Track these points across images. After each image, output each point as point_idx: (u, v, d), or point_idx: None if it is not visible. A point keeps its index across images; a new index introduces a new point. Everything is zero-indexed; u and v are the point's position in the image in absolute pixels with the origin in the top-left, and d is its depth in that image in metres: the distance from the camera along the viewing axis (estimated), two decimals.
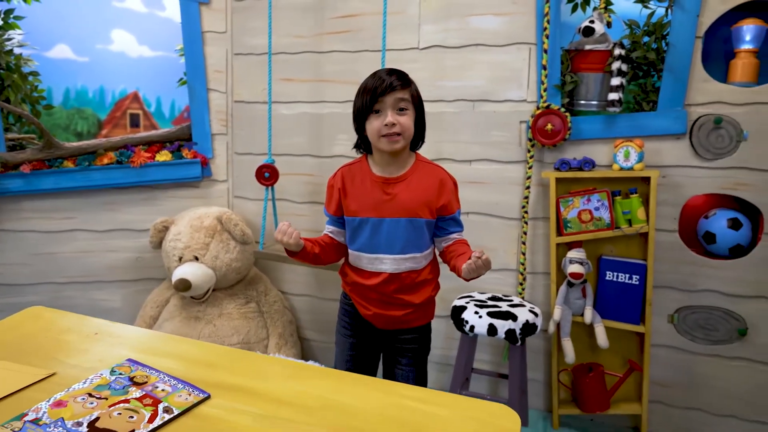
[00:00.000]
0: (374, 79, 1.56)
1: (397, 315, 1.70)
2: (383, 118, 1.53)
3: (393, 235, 1.61)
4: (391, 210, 1.60)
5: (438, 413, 1.03)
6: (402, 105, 1.55)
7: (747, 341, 2.21)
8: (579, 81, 2.30)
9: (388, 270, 1.63)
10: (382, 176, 1.62)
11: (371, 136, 1.58)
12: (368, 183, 1.62)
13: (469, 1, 2.42)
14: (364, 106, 1.56)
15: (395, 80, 1.54)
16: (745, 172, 2.15)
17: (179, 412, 0.97)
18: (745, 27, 2.12)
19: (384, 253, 1.62)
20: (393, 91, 1.53)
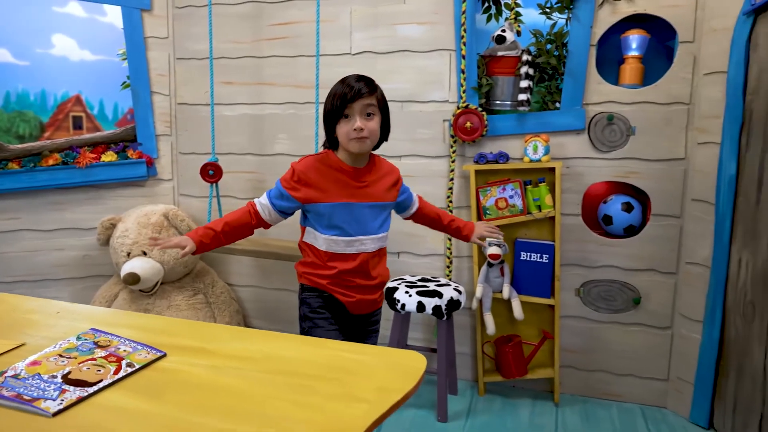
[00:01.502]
0: (343, 86, 1.67)
1: (374, 297, 1.86)
2: (352, 123, 1.65)
3: (373, 217, 1.77)
4: (366, 195, 1.75)
5: (363, 360, 1.25)
6: (369, 110, 1.68)
7: (641, 309, 2.55)
8: (493, 83, 2.58)
9: (369, 249, 1.77)
10: (354, 167, 1.74)
11: (341, 138, 1.70)
12: (340, 172, 1.73)
13: (395, 11, 2.66)
14: (334, 110, 1.67)
15: (363, 87, 1.66)
16: (635, 162, 2.48)
17: (140, 366, 1.15)
18: (632, 36, 2.45)
19: (366, 235, 1.76)
20: (361, 98, 1.65)
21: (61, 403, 0.99)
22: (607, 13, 2.43)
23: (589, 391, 2.66)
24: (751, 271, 2.20)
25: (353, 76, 1.70)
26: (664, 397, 2.57)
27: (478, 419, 2.46)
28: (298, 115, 2.85)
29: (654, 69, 2.47)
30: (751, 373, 2.21)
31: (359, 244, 1.76)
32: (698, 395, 2.41)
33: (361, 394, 1.08)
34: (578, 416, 2.50)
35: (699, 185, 2.38)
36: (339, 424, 0.97)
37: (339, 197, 1.72)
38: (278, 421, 0.98)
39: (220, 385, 1.11)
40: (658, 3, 2.37)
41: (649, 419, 2.48)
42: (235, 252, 2.77)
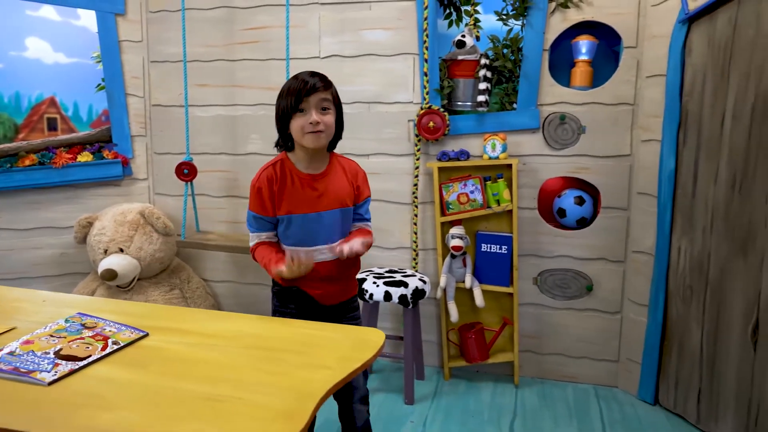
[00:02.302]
0: (298, 81, 1.63)
1: (342, 288, 1.81)
2: (308, 117, 1.60)
3: (331, 226, 1.70)
4: (325, 203, 1.69)
5: (327, 335, 1.40)
6: (324, 105, 1.64)
7: (593, 295, 2.73)
8: (455, 86, 2.74)
9: (327, 258, 1.71)
10: (308, 173, 1.69)
11: (296, 134, 1.64)
12: (297, 181, 1.68)
13: (362, 17, 2.80)
14: (289, 106, 1.62)
15: (318, 81, 1.63)
16: (586, 159, 2.67)
17: (125, 344, 1.28)
18: (581, 42, 2.63)
19: (323, 244, 1.70)
20: (316, 92, 1.61)
21: (55, 375, 1.11)
22: (558, 20, 2.61)
23: (547, 374, 2.84)
24: (688, 258, 2.40)
25: (306, 72, 1.67)
26: (615, 377, 2.76)
27: (443, 401, 2.61)
28: (270, 116, 2.93)
29: (602, 72, 2.66)
30: (690, 351, 2.41)
31: (318, 253, 1.71)
32: (645, 374, 2.61)
33: (324, 363, 1.22)
34: (536, 397, 2.67)
35: (643, 179, 2.57)
36: (305, 386, 1.12)
37: (297, 208, 1.68)
38: (251, 385, 1.12)
39: (198, 359, 1.24)
40: (604, 11, 2.56)
41: (601, 398, 2.67)
42: (209, 247, 2.88)
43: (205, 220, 3.10)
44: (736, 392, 2.20)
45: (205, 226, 3.12)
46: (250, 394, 1.08)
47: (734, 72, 2.15)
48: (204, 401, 1.04)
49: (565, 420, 2.47)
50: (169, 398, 1.06)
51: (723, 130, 2.21)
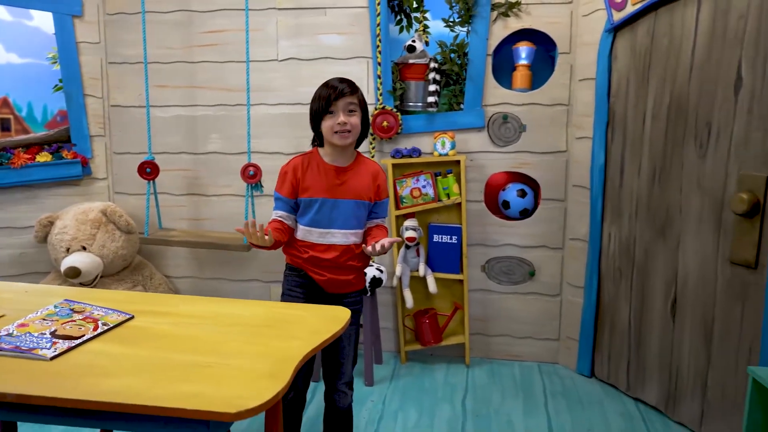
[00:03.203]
0: (328, 88, 1.84)
1: (347, 278, 1.94)
2: (336, 118, 1.81)
3: (346, 214, 1.88)
4: (343, 193, 1.88)
5: (299, 314, 1.56)
6: (351, 108, 1.83)
7: (535, 280, 2.98)
8: (406, 87, 2.94)
9: (338, 242, 1.89)
10: (334, 165, 1.89)
11: (326, 133, 1.84)
12: (322, 170, 1.88)
13: (317, 22, 2.96)
14: (320, 109, 1.83)
15: (346, 87, 1.83)
16: (527, 155, 2.91)
17: (113, 325, 1.40)
18: (521, 48, 2.87)
19: (337, 228, 1.88)
20: (344, 96, 1.81)
21: (55, 351, 1.23)
22: (500, 28, 2.84)
23: (495, 354, 3.07)
24: (617, 243, 2.67)
25: (336, 79, 1.88)
26: (556, 354, 3.02)
27: (400, 382, 2.80)
28: (230, 116, 3.09)
29: (541, 75, 2.90)
30: (620, 327, 2.68)
31: (330, 236, 1.88)
32: (582, 350, 2.88)
33: (296, 335, 1.39)
34: (486, 375, 2.90)
35: (577, 173, 2.83)
36: (282, 353, 1.27)
37: (317, 192, 1.87)
38: (233, 355, 1.27)
39: (183, 335, 1.38)
40: (542, 20, 2.81)
41: (544, 373, 2.92)
42: (172, 243, 2.97)
43: (167, 218, 3.18)
44: (659, 360, 2.48)
45: (168, 223, 3.20)
46: (235, 360, 1.23)
47: (653, 76, 2.43)
48: (195, 368, 1.19)
49: (512, 394, 2.70)
50: (163, 367, 1.19)
51: (644, 128, 2.48)
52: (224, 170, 3.12)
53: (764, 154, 1.99)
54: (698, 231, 2.26)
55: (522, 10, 2.81)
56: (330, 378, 1.99)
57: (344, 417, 2.02)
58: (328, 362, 1.97)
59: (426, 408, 2.55)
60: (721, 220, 2.16)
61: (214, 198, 3.17)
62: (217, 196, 3.17)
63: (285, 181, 1.90)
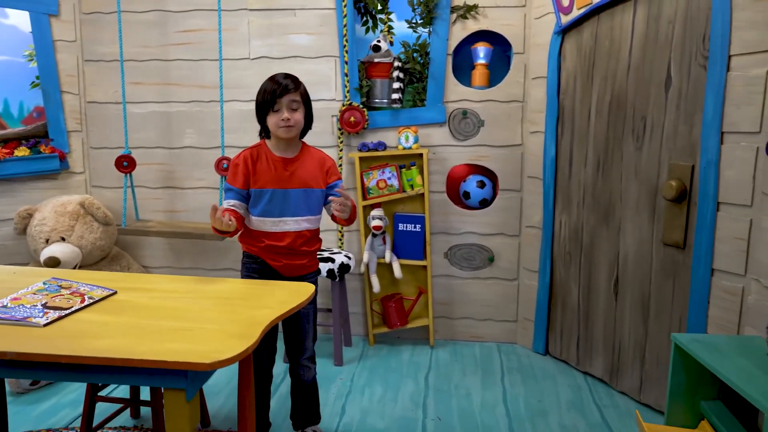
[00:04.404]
0: (273, 83, 1.93)
1: (302, 262, 2.08)
2: (280, 114, 1.92)
3: (296, 202, 2.00)
4: (292, 182, 1.99)
5: (269, 288, 1.72)
6: (294, 105, 1.95)
7: (494, 265, 3.19)
8: (372, 85, 3.11)
9: (291, 229, 2.00)
10: (281, 156, 2.01)
11: (271, 127, 1.96)
12: (271, 162, 1.99)
13: (287, 23, 3.11)
14: (265, 104, 1.94)
15: (290, 83, 1.94)
16: (485, 148, 3.11)
17: (99, 299, 1.55)
18: (479, 48, 3.07)
19: (288, 216, 2.00)
20: (288, 93, 1.92)
21: (48, 319, 1.38)
22: (459, 29, 3.04)
23: (457, 335, 3.27)
24: (567, 229, 2.89)
25: (281, 74, 1.98)
26: (514, 335, 3.23)
27: (368, 362, 2.98)
28: (204, 112, 3.22)
29: (498, 74, 3.10)
30: (571, 306, 2.90)
31: (283, 224, 2.00)
32: (537, 329, 3.09)
33: (266, 305, 1.56)
34: (448, 354, 3.10)
35: (532, 165, 3.04)
36: (251, 319, 1.44)
37: (267, 183, 1.98)
38: (210, 320, 1.43)
39: (163, 306, 1.53)
40: (497, 22, 3.01)
41: (503, 353, 3.13)
42: (150, 234, 3.10)
43: (143, 210, 3.30)
44: (604, 336, 2.70)
45: (144, 215, 3.32)
46: (210, 325, 1.39)
47: (596, 75, 2.64)
48: (175, 331, 1.35)
49: (472, 370, 2.90)
50: (146, 330, 1.35)
51: (589, 122, 2.70)
52: (199, 164, 3.26)
53: (690, 146, 2.22)
54: (636, 216, 2.48)
55: (479, 13, 3.00)
56: (294, 355, 2.16)
57: (310, 390, 2.20)
58: (290, 340, 2.14)
59: (391, 384, 2.73)
60: (655, 205, 2.39)
61: (189, 191, 3.31)
62: (192, 188, 3.31)
63: (237, 173, 1.99)
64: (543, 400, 2.59)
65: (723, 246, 2.10)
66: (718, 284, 2.13)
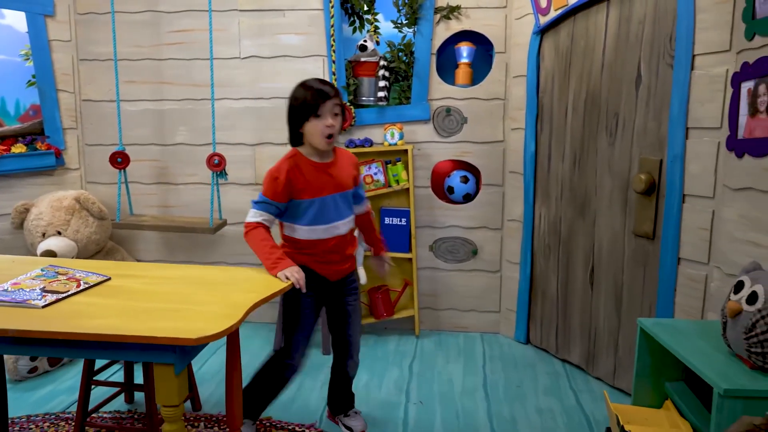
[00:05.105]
0: (313, 91, 1.86)
1: (347, 265, 2.12)
2: (324, 121, 1.86)
3: (342, 205, 1.99)
4: (334, 187, 1.96)
5: (255, 275, 1.83)
6: (336, 110, 1.89)
7: (478, 258, 3.30)
8: (359, 83, 3.21)
9: (342, 233, 2.01)
10: (321, 162, 1.96)
11: (312, 135, 1.88)
12: (312, 170, 1.93)
13: (277, 23, 3.21)
14: (306, 110, 1.86)
15: (331, 90, 1.89)
16: (468, 144, 3.22)
17: (94, 284, 1.64)
18: (462, 47, 3.17)
19: (337, 221, 1.98)
20: (330, 99, 1.86)
21: (46, 301, 1.48)
22: (443, 29, 3.14)
23: (442, 326, 3.38)
24: (546, 222, 3.00)
25: (316, 80, 1.92)
26: (497, 325, 3.35)
27: None
28: (196, 110, 3.32)
29: (481, 72, 3.21)
30: (550, 297, 3.01)
31: (334, 229, 1.99)
32: (519, 319, 3.20)
33: (251, 289, 1.66)
34: (433, 344, 3.20)
35: (513, 161, 3.15)
36: (237, 302, 1.55)
37: (314, 193, 1.92)
38: (198, 303, 1.54)
39: (154, 291, 1.64)
40: (479, 22, 3.12)
41: (486, 342, 3.24)
42: (144, 228, 3.20)
43: (137, 205, 3.40)
44: (581, 324, 2.81)
45: (138, 210, 3.41)
46: (198, 306, 1.50)
47: (573, 74, 2.75)
48: (165, 311, 1.45)
49: (455, 359, 3.01)
50: (139, 312, 1.45)
51: (566, 119, 2.81)
52: (191, 160, 3.36)
53: (658, 141, 2.33)
54: (609, 209, 2.59)
55: (462, 14, 3.11)
56: (342, 350, 2.20)
57: (350, 384, 2.30)
58: (339, 337, 2.18)
59: (377, 371, 2.84)
60: (627, 198, 2.50)
61: (182, 186, 3.41)
62: (184, 184, 3.40)
63: (278, 188, 1.89)
64: (522, 386, 2.70)
65: (688, 236, 2.21)
66: (684, 272, 2.24)
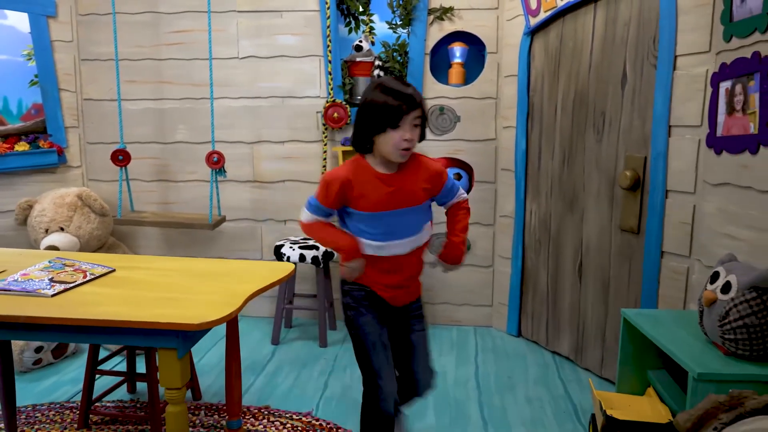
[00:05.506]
0: (397, 98, 1.60)
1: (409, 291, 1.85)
2: (402, 134, 1.60)
3: (404, 221, 1.72)
4: (401, 201, 1.70)
5: (253, 267, 1.91)
6: (417, 122, 1.64)
7: (471, 253, 3.38)
8: (354, 83, 3.29)
9: (401, 252, 1.73)
10: (386, 173, 1.70)
11: (386, 147, 1.63)
12: (376, 180, 1.68)
13: (274, 24, 3.29)
14: (384, 120, 1.60)
15: (416, 96, 1.63)
16: (461, 143, 3.30)
17: (99, 275, 1.72)
18: (455, 48, 3.25)
19: (397, 239, 1.71)
20: (414, 110, 1.62)
21: (55, 291, 1.55)
22: (436, 30, 3.22)
23: (437, 320, 3.46)
24: (537, 218, 3.08)
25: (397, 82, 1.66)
26: (490, 318, 3.43)
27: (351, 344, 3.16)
28: (195, 109, 3.40)
29: (473, 72, 3.29)
30: (540, 290, 3.10)
31: (389, 248, 1.73)
32: (511, 313, 3.28)
33: (249, 280, 1.74)
34: None
35: (505, 158, 3.23)
36: (236, 291, 1.63)
37: (372, 206, 1.69)
38: (199, 292, 1.61)
39: (157, 281, 1.71)
40: (472, 23, 3.20)
41: (478, 335, 3.32)
42: (144, 224, 3.28)
43: (137, 202, 3.47)
44: (569, 316, 2.90)
45: (138, 207, 3.49)
46: (200, 295, 1.58)
47: (562, 74, 2.83)
48: (168, 300, 1.53)
49: (447, 351, 3.09)
50: (143, 300, 1.53)
51: (556, 118, 2.89)
52: (190, 158, 3.43)
53: (643, 139, 2.41)
54: (597, 204, 2.67)
55: (455, 15, 3.19)
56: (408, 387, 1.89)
57: None
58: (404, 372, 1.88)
59: None
60: (614, 194, 2.58)
61: (182, 183, 3.48)
62: (184, 181, 3.48)
63: (330, 194, 1.70)
64: (512, 377, 2.79)
65: (671, 230, 2.30)
66: (667, 265, 2.33)
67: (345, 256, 1.73)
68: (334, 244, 1.77)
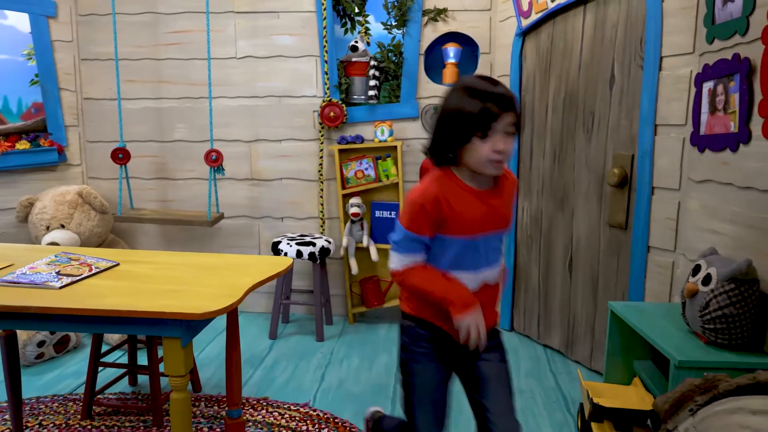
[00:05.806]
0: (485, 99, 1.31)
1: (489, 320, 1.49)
2: (493, 144, 1.33)
3: (494, 247, 1.47)
4: (494, 223, 1.45)
5: (252, 261, 1.97)
6: (510, 129, 1.35)
7: None
8: (350, 82, 3.36)
9: (490, 281, 1.47)
10: (480, 189, 1.42)
11: (475, 159, 1.36)
12: (469, 198, 1.40)
13: (272, 24, 3.35)
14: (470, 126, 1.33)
15: (509, 98, 1.34)
16: None
17: (104, 268, 1.78)
18: (449, 48, 3.31)
19: (487, 268, 1.46)
20: (507, 112, 1.33)
21: (62, 283, 1.62)
22: (430, 31, 3.29)
23: None
24: (529, 215, 3.15)
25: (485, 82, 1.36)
26: None
27: (347, 338, 3.23)
28: (194, 108, 3.46)
29: (467, 72, 3.35)
30: (532, 286, 3.17)
31: (482, 278, 1.45)
32: (504, 308, 3.36)
33: (249, 273, 1.80)
34: None
35: None
36: (236, 284, 1.69)
37: (463, 229, 1.40)
38: (201, 285, 1.68)
39: (160, 275, 1.78)
40: (465, 24, 3.26)
41: None
42: (144, 221, 3.33)
43: (137, 200, 3.53)
44: (560, 311, 2.97)
45: (138, 204, 3.55)
46: (202, 288, 1.64)
47: (552, 74, 2.91)
48: (171, 292, 1.59)
49: None
50: (147, 292, 1.60)
51: (547, 117, 2.96)
52: (189, 156, 3.49)
53: (630, 137, 2.49)
54: (586, 201, 2.75)
55: (449, 16, 3.26)
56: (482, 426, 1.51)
57: None
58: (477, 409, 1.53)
59: (367, 356, 2.99)
60: (602, 192, 2.65)
61: (180, 181, 3.54)
62: (182, 179, 3.54)
63: (425, 217, 1.38)
64: None
65: (657, 226, 2.37)
66: (653, 260, 2.40)
67: (459, 309, 1.37)
68: (445, 295, 1.40)
